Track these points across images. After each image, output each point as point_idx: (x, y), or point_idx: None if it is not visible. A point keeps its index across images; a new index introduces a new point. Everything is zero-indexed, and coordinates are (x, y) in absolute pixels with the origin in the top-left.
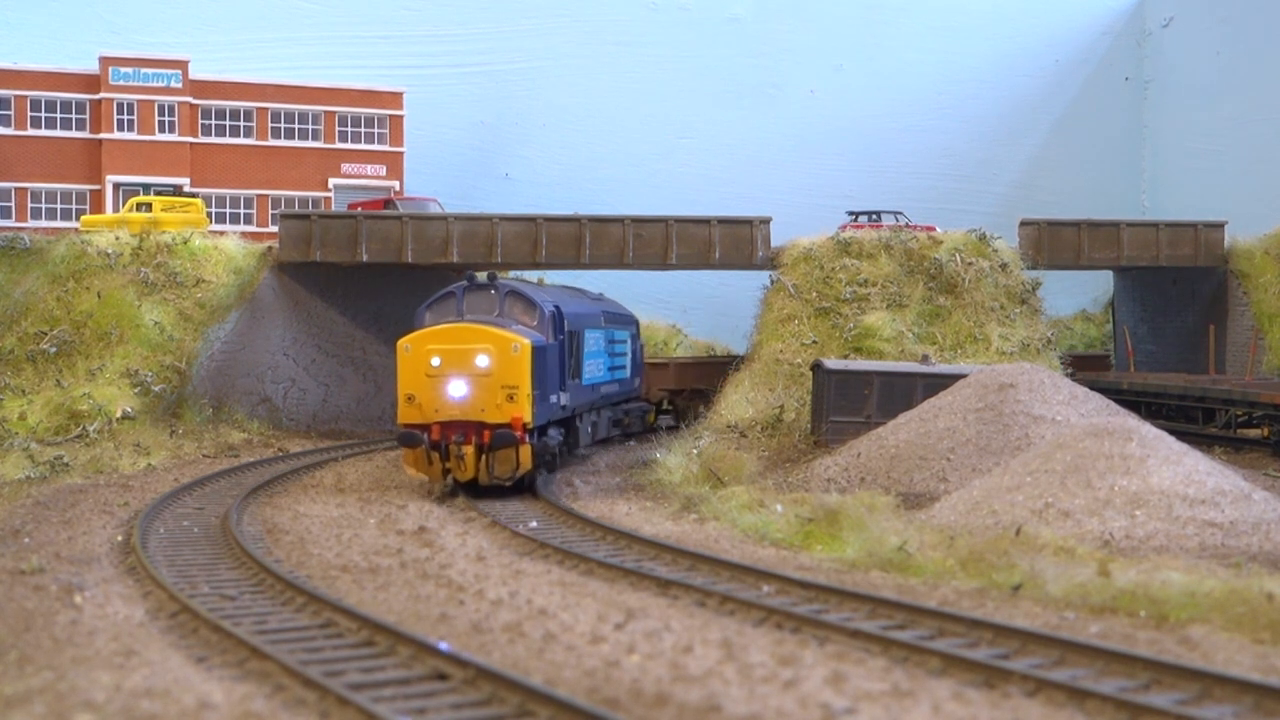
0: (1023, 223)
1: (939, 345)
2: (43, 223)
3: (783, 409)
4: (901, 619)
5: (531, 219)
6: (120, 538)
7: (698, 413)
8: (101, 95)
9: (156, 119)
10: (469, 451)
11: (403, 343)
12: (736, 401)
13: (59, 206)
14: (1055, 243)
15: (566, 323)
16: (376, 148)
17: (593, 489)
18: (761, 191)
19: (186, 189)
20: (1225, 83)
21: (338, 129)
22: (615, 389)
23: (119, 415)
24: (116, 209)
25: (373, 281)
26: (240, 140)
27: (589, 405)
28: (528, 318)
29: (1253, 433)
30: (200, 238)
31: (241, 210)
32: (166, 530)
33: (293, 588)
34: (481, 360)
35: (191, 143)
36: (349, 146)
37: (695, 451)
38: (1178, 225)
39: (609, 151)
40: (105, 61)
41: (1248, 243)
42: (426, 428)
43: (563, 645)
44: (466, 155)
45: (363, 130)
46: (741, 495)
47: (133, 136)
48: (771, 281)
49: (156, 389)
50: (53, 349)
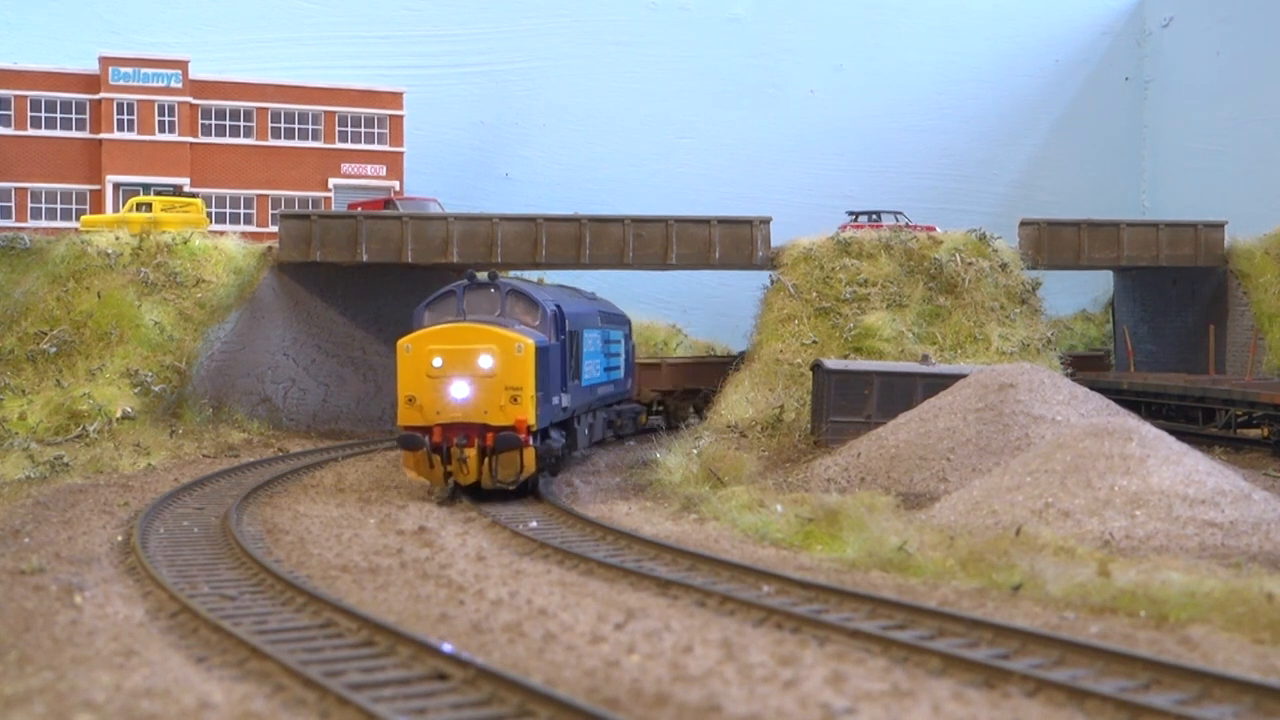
0: (1023, 223)
1: (939, 345)
2: (43, 223)
3: (783, 409)
4: (901, 619)
5: (531, 219)
6: (120, 538)
7: (688, 415)
8: (101, 95)
9: (156, 119)
10: (472, 454)
11: (403, 342)
12: (736, 401)
13: (59, 206)
14: (1055, 243)
15: (567, 322)
16: (376, 148)
17: (592, 489)
18: (761, 191)
19: (186, 189)
20: (1225, 83)
21: (338, 129)
22: (610, 390)
23: (119, 415)
24: (116, 209)
25: (373, 281)
26: (240, 140)
27: (587, 407)
28: (529, 317)
29: (1253, 433)
30: (200, 238)
31: (241, 210)
32: (166, 530)
33: (293, 588)
34: (484, 361)
35: (191, 143)
36: (349, 146)
37: (695, 451)
38: (1178, 225)
39: (609, 151)
40: (105, 61)
41: (1248, 243)
42: (428, 430)
43: (563, 645)
44: (466, 155)
45: (363, 130)
46: (741, 495)
47: (133, 136)
48: (771, 281)
49: (156, 389)
50: (53, 349)
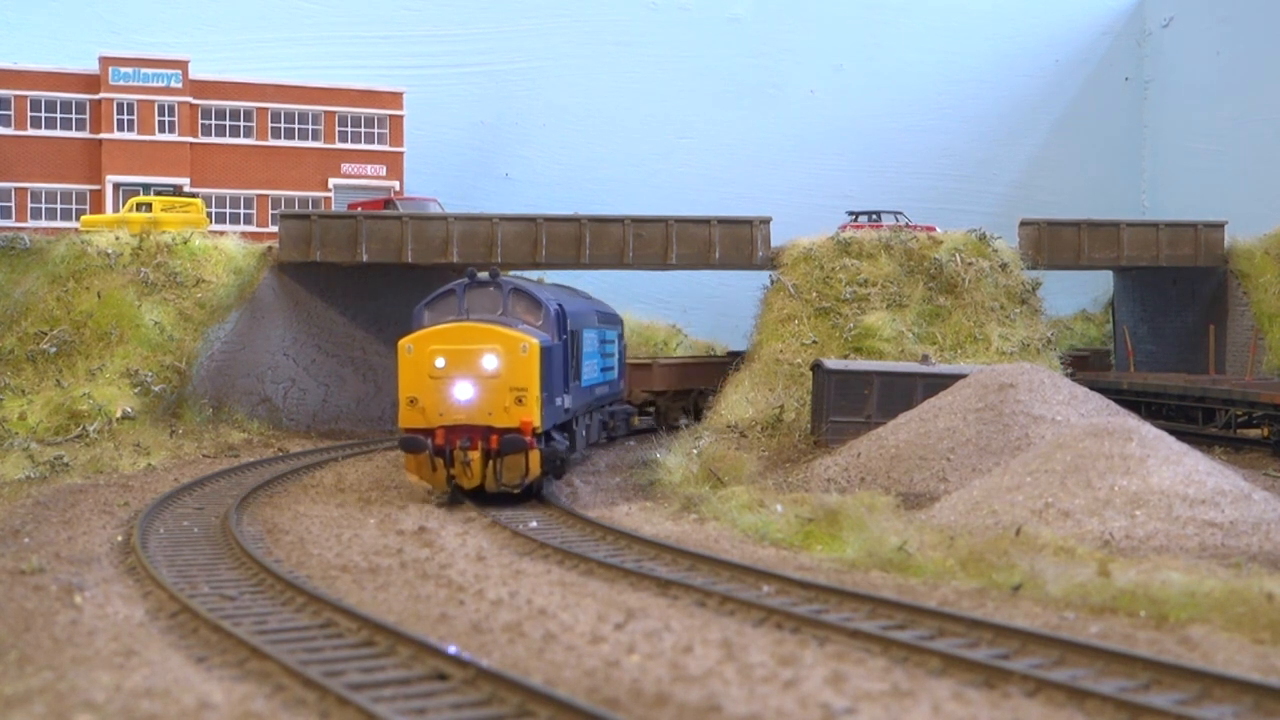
0: (1023, 223)
1: (939, 345)
2: (43, 223)
3: (783, 409)
4: (901, 619)
5: (531, 219)
6: (120, 538)
7: (679, 417)
8: (101, 95)
9: (156, 119)
10: (475, 457)
11: (404, 342)
12: (736, 401)
13: (59, 206)
14: (1055, 243)
15: (569, 321)
16: (376, 148)
17: (592, 489)
18: (761, 191)
19: (186, 189)
20: (1225, 83)
21: (338, 129)
22: (606, 391)
23: (119, 415)
24: (116, 209)
25: (373, 281)
26: (240, 140)
27: (585, 408)
28: (531, 316)
29: (1253, 433)
30: (200, 238)
31: (241, 210)
32: (166, 530)
33: (293, 588)
34: (489, 361)
35: (191, 143)
36: (349, 146)
37: (695, 451)
38: (1178, 225)
39: (609, 151)
40: (105, 61)
41: (1248, 243)
42: (430, 432)
43: (563, 645)
44: (466, 155)
45: (363, 130)
46: (741, 495)
47: (133, 136)
48: (771, 281)
49: (156, 389)
50: (53, 349)
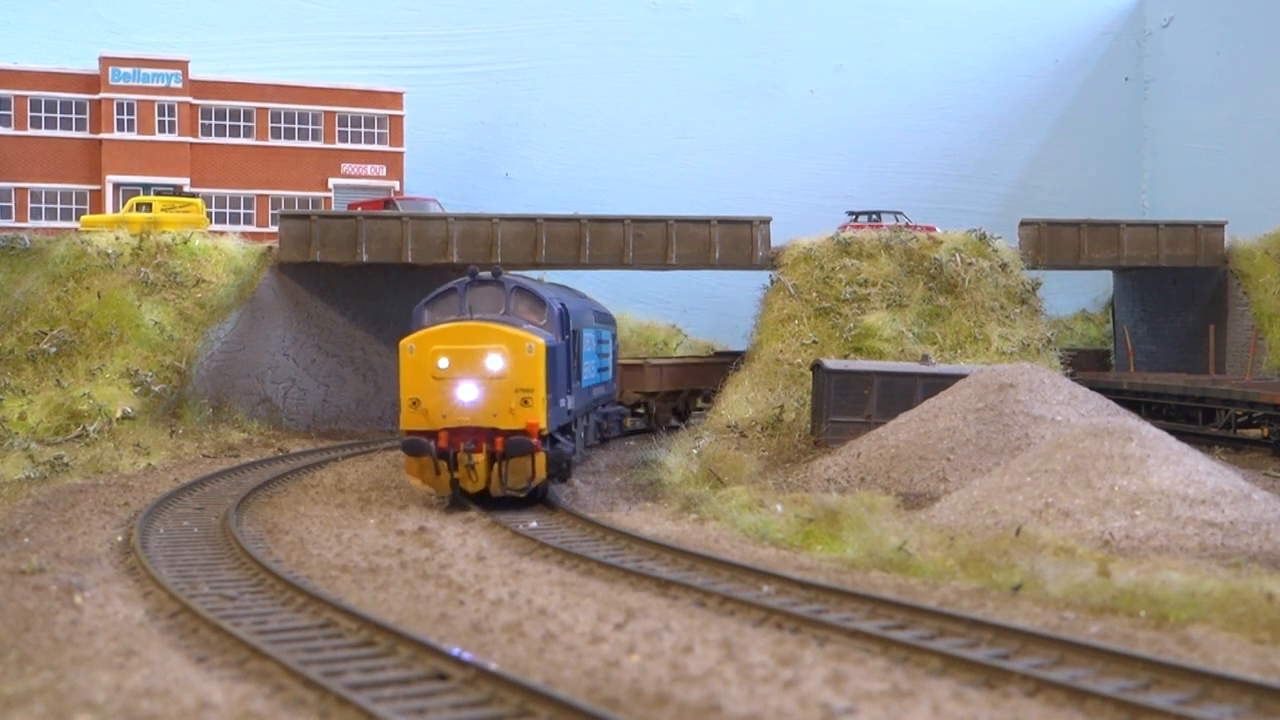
0: (1023, 223)
1: (939, 345)
2: (43, 223)
3: (783, 409)
4: (901, 619)
5: (531, 219)
6: (120, 538)
7: (669, 419)
8: (101, 95)
9: (156, 119)
10: (480, 460)
11: (406, 342)
12: (736, 401)
13: (59, 206)
14: (1055, 243)
15: (571, 321)
16: (376, 148)
17: (592, 489)
18: (761, 191)
19: (186, 189)
20: (1225, 83)
21: (338, 129)
22: (602, 391)
23: (119, 415)
24: (116, 209)
25: (373, 281)
26: (240, 140)
27: (585, 409)
28: (535, 316)
29: (1253, 433)
30: (200, 238)
31: (241, 210)
32: (166, 530)
33: (293, 588)
34: (493, 362)
35: (191, 143)
36: (349, 146)
37: (695, 451)
38: (1178, 225)
39: (609, 151)
40: (105, 61)
41: (1248, 243)
42: (433, 434)
43: (563, 645)
44: (466, 155)
45: (363, 130)
46: (741, 495)
47: (133, 136)
48: (771, 281)
49: (156, 389)
50: (53, 349)
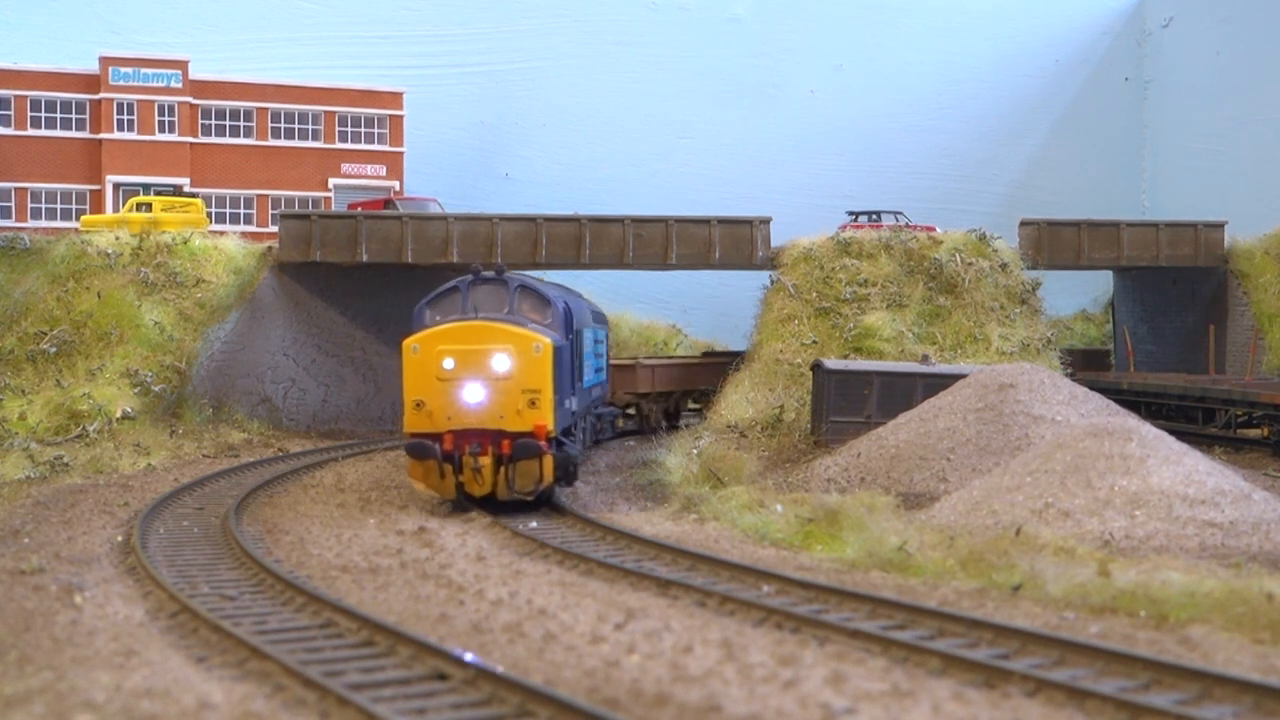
0: (1023, 223)
1: (939, 345)
2: (43, 223)
3: (783, 409)
4: (901, 619)
5: (531, 219)
6: (120, 538)
7: (660, 421)
8: (101, 95)
9: (156, 119)
10: (486, 463)
11: (409, 342)
12: (736, 401)
13: (59, 206)
14: (1055, 243)
15: (573, 320)
16: (376, 148)
17: (592, 489)
18: (761, 191)
19: (186, 189)
20: (1225, 83)
21: (338, 129)
22: (599, 392)
23: (119, 415)
24: (116, 209)
25: (373, 281)
26: (240, 140)
27: (585, 410)
28: (539, 315)
29: (1253, 433)
30: (200, 238)
31: (241, 210)
32: (166, 530)
33: (293, 588)
34: (500, 362)
35: (191, 143)
36: (349, 146)
37: (695, 451)
38: (1178, 225)
39: (609, 151)
40: (105, 61)
41: (1248, 243)
42: (438, 437)
43: (563, 645)
44: (466, 155)
45: (363, 130)
46: (741, 495)
47: (133, 136)
48: (771, 281)
49: (156, 389)
50: (53, 349)
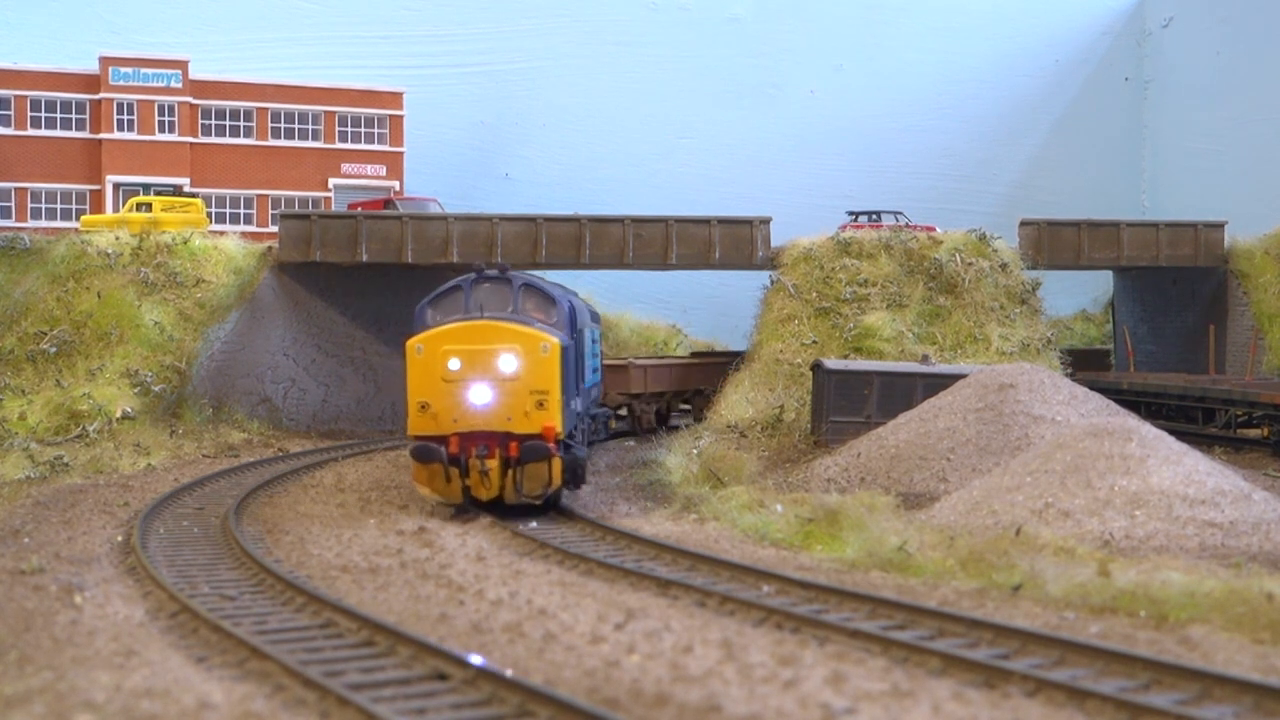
0: (1023, 223)
1: (939, 345)
2: (43, 223)
3: (783, 409)
4: (901, 619)
5: (531, 219)
6: (120, 538)
7: (652, 422)
8: (101, 95)
9: (156, 119)
10: (494, 466)
11: (413, 343)
12: (736, 401)
13: (59, 206)
14: (1055, 243)
15: (577, 319)
16: (376, 148)
17: (592, 489)
18: (761, 191)
19: (186, 189)
20: (1225, 83)
21: (338, 129)
22: (596, 393)
23: (119, 415)
24: (116, 209)
25: (373, 281)
26: (240, 140)
27: (586, 411)
28: (543, 314)
29: (1253, 433)
30: (200, 238)
31: (241, 210)
32: (166, 530)
33: (293, 588)
34: (507, 362)
35: (191, 143)
36: (349, 146)
37: (695, 451)
38: (1178, 225)
39: (609, 151)
40: (105, 61)
41: (1248, 243)
42: (443, 440)
43: (563, 645)
44: (466, 155)
45: (363, 130)
46: (741, 495)
47: (133, 136)
48: (771, 281)
49: (156, 389)
50: (53, 349)
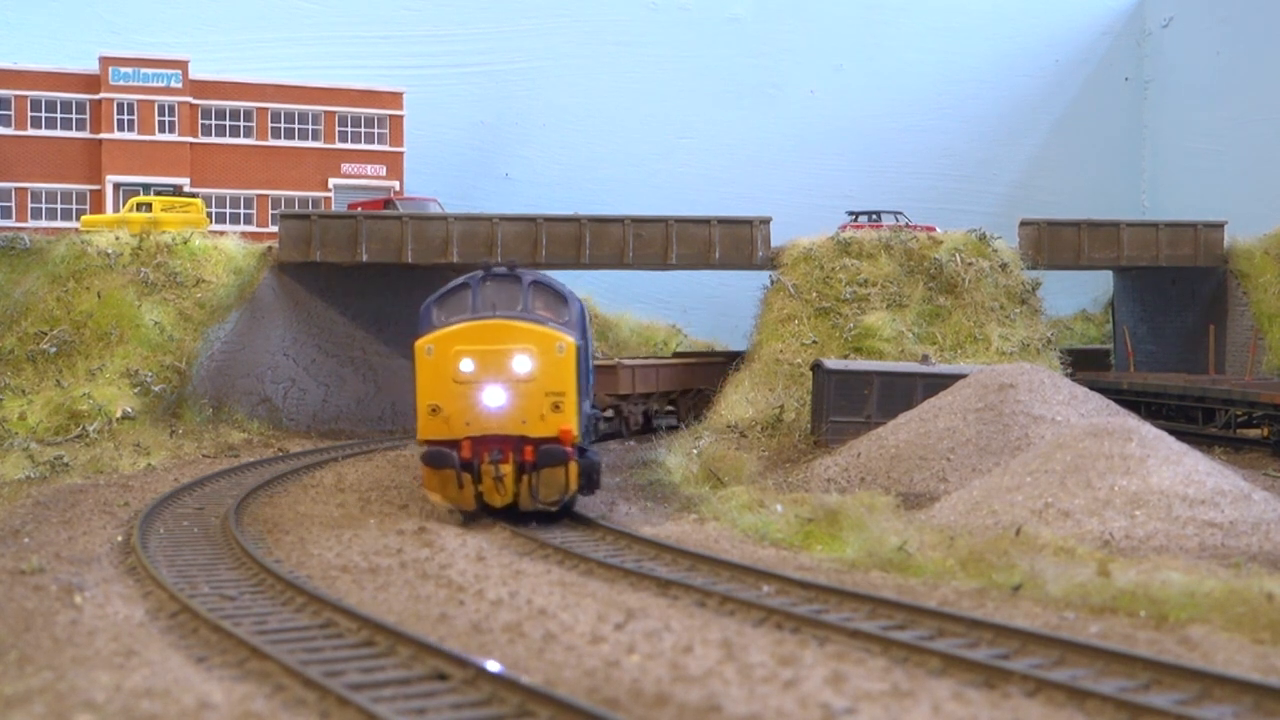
0: (1023, 223)
1: (939, 345)
2: (43, 223)
3: (783, 409)
4: (901, 619)
5: (531, 219)
6: (120, 538)
7: (639, 425)
8: (101, 95)
9: (156, 119)
10: (508, 471)
11: (423, 343)
12: (736, 401)
13: (59, 206)
14: (1055, 243)
15: (585, 318)
16: (376, 148)
17: None
18: (761, 191)
19: (186, 189)
20: (1225, 83)
21: (338, 129)
22: (592, 394)
23: (119, 415)
24: (116, 209)
25: (373, 281)
26: (240, 140)
27: (592, 413)
28: (554, 313)
29: (1253, 433)
30: (200, 238)
31: (241, 210)
32: (166, 530)
33: (293, 588)
34: (521, 363)
35: (191, 143)
36: (349, 146)
37: (695, 451)
38: (1178, 225)
39: (609, 151)
40: (105, 61)
41: (1248, 243)
42: (455, 444)
43: (563, 645)
44: (466, 155)
45: (363, 130)
46: (741, 495)
47: (133, 136)
48: (771, 281)
49: (156, 389)
50: (53, 349)
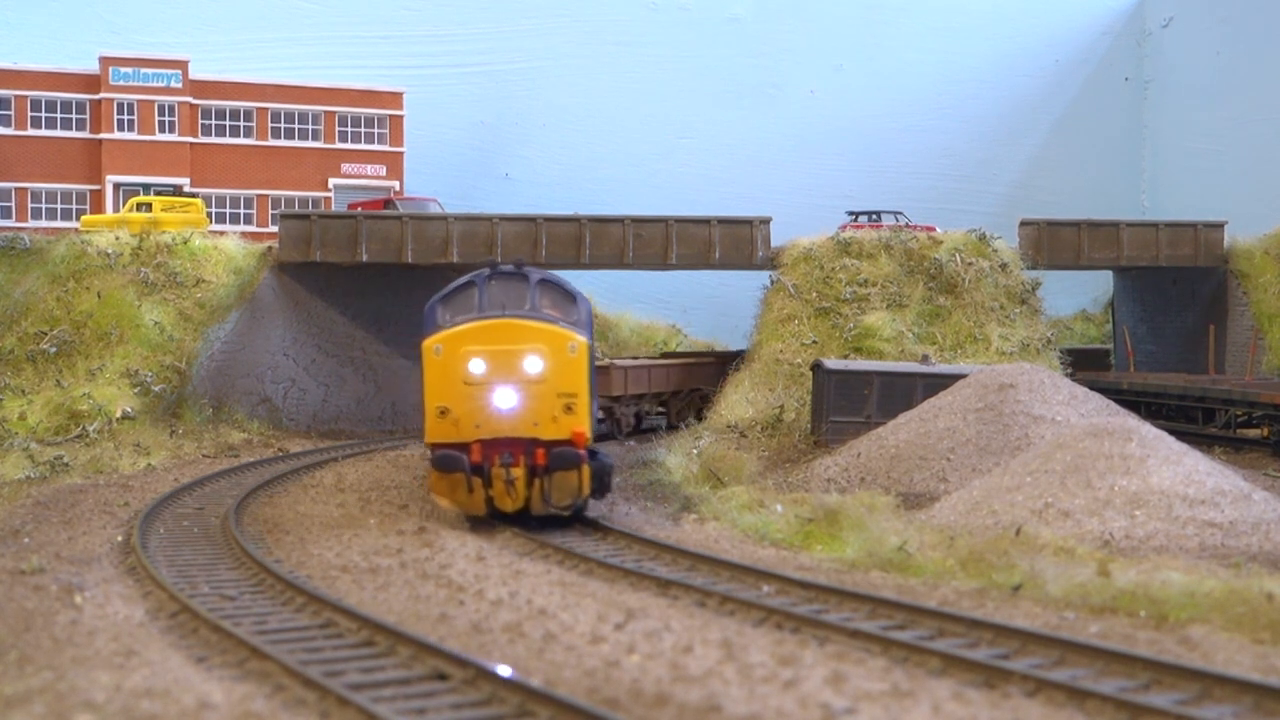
0: (1023, 223)
1: (939, 345)
2: (43, 223)
3: (783, 409)
4: (901, 619)
5: (531, 219)
6: (120, 538)
7: (631, 427)
8: (101, 95)
9: (156, 119)
10: (520, 475)
11: (430, 343)
12: (736, 401)
13: (59, 206)
14: (1055, 243)
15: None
16: (376, 148)
17: None
18: (761, 191)
19: (186, 189)
20: (1225, 83)
21: (338, 129)
22: None
23: (119, 415)
24: (116, 209)
25: (373, 281)
26: (240, 140)
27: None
28: (562, 312)
29: (1253, 433)
30: (200, 238)
31: (241, 210)
32: (166, 530)
33: (293, 588)
34: (532, 364)
35: (191, 143)
36: (349, 146)
37: (695, 451)
38: (1178, 225)
39: (609, 151)
40: (105, 61)
41: (1248, 243)
42: (465, 447)
43: (563, 645)
44: (466, 155)
45: (363, 130)
46: (741, 495)
47: (133, 136)
48: (771, 281)
49: (156, 389)
50: (53, 349)
